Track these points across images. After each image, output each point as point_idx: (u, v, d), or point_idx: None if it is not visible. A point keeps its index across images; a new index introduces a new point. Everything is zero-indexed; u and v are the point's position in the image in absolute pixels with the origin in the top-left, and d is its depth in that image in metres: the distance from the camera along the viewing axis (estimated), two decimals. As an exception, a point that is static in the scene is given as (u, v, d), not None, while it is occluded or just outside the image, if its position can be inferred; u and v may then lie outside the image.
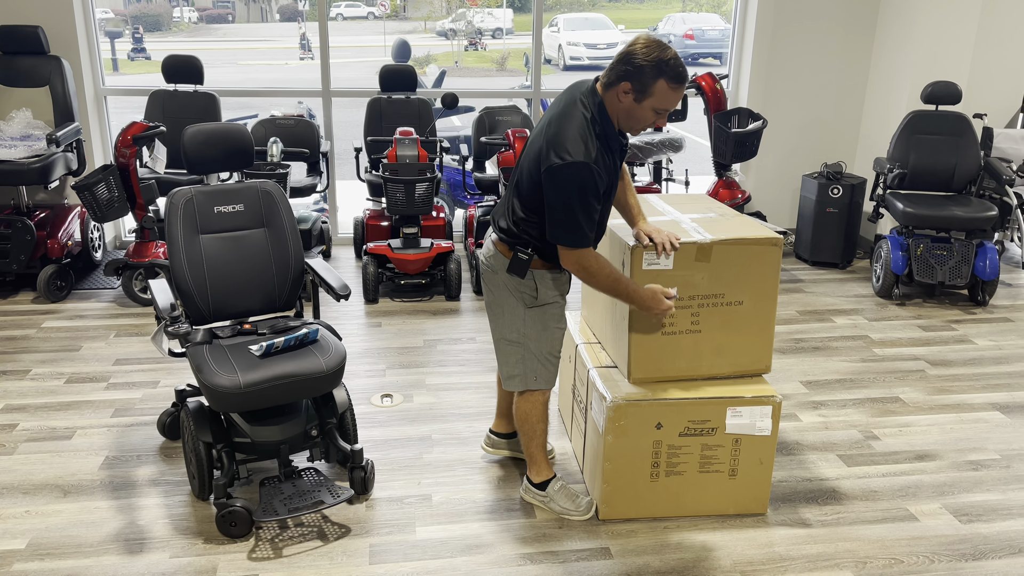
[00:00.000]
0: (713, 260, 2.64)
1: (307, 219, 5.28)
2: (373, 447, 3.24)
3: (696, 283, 2.66)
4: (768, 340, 2.76)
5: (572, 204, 2.37)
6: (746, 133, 4.98)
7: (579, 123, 2.38)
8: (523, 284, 2.63)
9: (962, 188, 5.06)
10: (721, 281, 2.67)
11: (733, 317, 2.71)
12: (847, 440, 3.34)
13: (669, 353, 2.72)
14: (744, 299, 2.70)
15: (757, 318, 2.73)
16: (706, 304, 2.68)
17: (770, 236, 2.66)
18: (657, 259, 2.61)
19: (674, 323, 2.68)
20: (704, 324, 2.70)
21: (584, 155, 2.34)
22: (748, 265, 2.67)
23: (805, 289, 5.10)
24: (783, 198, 5.94)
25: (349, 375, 3.84)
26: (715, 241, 2.64)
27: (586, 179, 2.35)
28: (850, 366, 4.03)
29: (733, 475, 2.80)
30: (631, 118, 2.42)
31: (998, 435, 3.40)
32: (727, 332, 2.72)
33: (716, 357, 2.75)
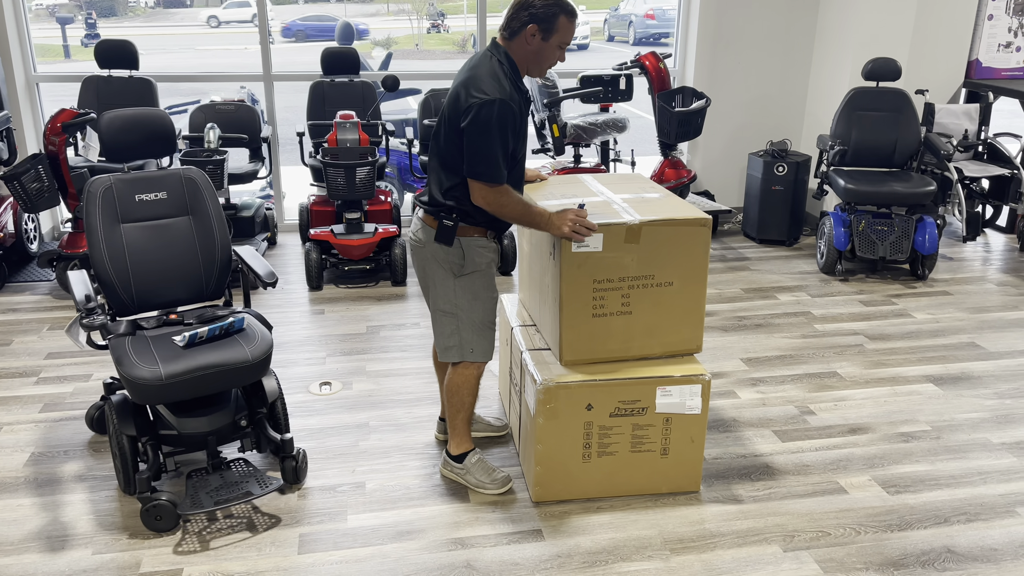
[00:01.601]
0: (642, 241, 2.63)
1: (251, 206, 5.20)
2: (309, 436, 3.20)
3: (626, 265, 2.65)
4: (698, 320, 2.77)
5: (491, 139, 2.47)
6: (690, 112, 4.98)
7: (490, 67, 2.53)
8: (451, 252, 2.66)
9: (903, 164, 5.11)
10: (651, 262, 2.66)
11: (663, 298, 2.71)
12: (783, 416, 3.37)
13: (600, 335, 2.71)
14: (674, 280, 2.70)
15: (687, 298, 2.73)
16: (636, 285, 2.68)
17: (699, 216, 2.66)
18: (586, 242, 2.60)
19: (604, 305, 2.68)
20: (635, 306, 2.70)
21: (500, 92, 2.47)
22: (677, 246, 2.67)
23: (751, 267, 5.14)
24: (730, 176, 5.96)
25: (288, 363, 3.79)
26: (644, 222, 2.63)
27: (504, 114, 2.46)
28: (791, 342, 4.06)
29: (665, 454, 2.81)
30: (540, 58, 2.57)
31: (930, 407, 3.45)
32: (658, 313, 2.72)
33: (647, 338, 2.75)
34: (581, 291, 2.65)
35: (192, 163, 4.38)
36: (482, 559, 2.53)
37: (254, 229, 5.14)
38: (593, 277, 2.64)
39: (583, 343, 2.72)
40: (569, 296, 2.64)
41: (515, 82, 2.54)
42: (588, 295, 2.65)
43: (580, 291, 2.64)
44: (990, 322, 4.30)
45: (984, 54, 5.77)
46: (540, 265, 2.85)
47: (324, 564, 2.50)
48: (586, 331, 2.70)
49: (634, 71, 5.13)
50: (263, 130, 5.17)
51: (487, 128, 2.45)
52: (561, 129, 4.82)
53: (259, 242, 5.06)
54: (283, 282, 4.82)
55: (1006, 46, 5.82)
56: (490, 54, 2.56)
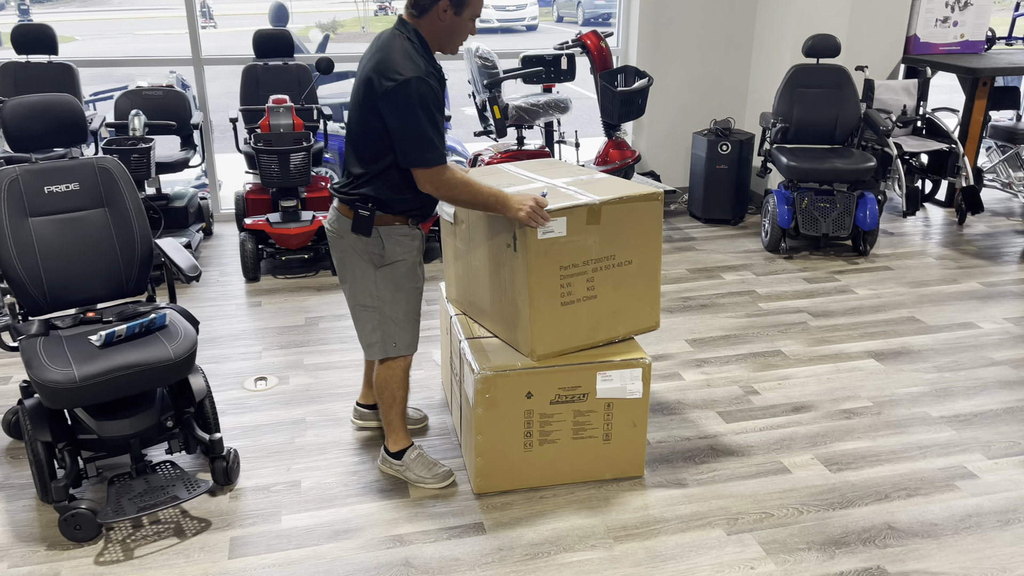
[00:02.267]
0: (603, 222, 2.56)
1: (183, 195, 5.01)
2: (243, 433, 3.09)
3: (589, 247, 2.57)
4: (655, 296, 2.73)
5: (419, 120, 2.35)
6: (632, 91, 4.92)
7: (401, 46, 2.40)
8: (370, 243, 2.56)
9: (844, 140, 5.13)
10: (611, 242, 2.60)
11: (624, 277, 2.65)
12: (727, 396, 3.35)
13: (569, 323, 2.62)
14: (633, 258, 2.64)
15: (645, 275, 2.68)
16: (599, 268, 2.61)
17: (651, 191, 2.60)
18: (550, 227, 2.50)
19: (572, 292, 2.59)
20: (599, 288, 2.63)
21: (416, 70, 2.34)
22: (635, 223, 2.61)
23: (697, 247, 5.12)
24: (676, 156, 5.93)
25: (222, 359, 3.66)
26: (604, 202, 2.55)
27: (425, 92, 2.34)
28: (735, 322, 4.05)
29: (607, 440, 2.76)
30: (454, 33, 2.46)
31: (871, 382, 3.46)
32: (620, 293, 2.67)
33: (613, 320, 2.69)
34: (549, 280, 2.55)
35: (116, 152, 4.20)
36: (421, 556, 2.45)
37: (188, 219, 4.96)
38: (559, 263, 2.54)
39: (553, 334, 2.62)
40: (538, 286, 2.53)
41: (428, 59, 2.43)
42: (555, 283, 2.56)
43: (548, 280, 2.54)
44: (929, 296, 4.34)
45: (922, 29, 5.81)
46: (491, 260, 2.71)
47: (256, 568, 2.40)
48: (555, 321, 2.60)
49: (576, 50, 5.05)
50: (194, 116, 4.98)
51: (410, 109, 2.34)
52: (503, 111, 4.73)
53: (193, 233, 4.89)
54: (219, 274, 4.66)
55: (943, 21, 5.86)
56: (397, 32, 2.44)
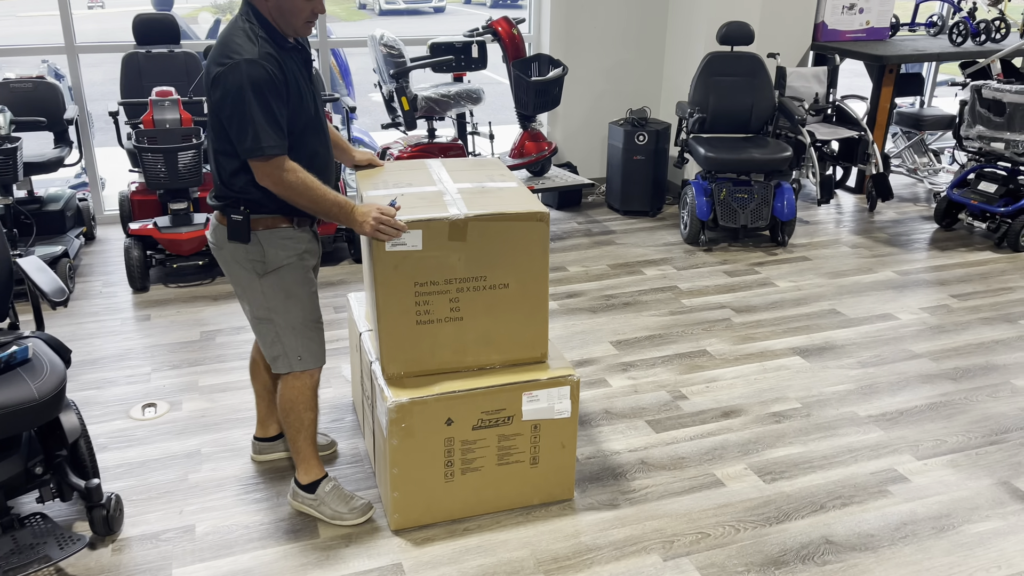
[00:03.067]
0: (470, 239, 2.33)
1: (59, 197, 4.56)
2: (128, 471, 2.76)
3: (452, 265, 2.35)
4: (542, 325, 2.51)
5: (248, 105, 2.13)
6: (547, 81, 4.72)
7: (236, 29, 2.21)
8: (250, 250, 2.33)
9: (759, 129, 5.07)
10: (481, 262, 2.37)
11: (499, 302, 2.43)
12: (656, 403, 3.21)
13: (427, 344, 2.41)
14: (510, 281, 2.42)
15: (527, 301, 2.46)
16: (465, 288, 2.38)
17: (535, 210, 2.39)
18: (402, 240, 2.27)
19: (429, 311, 2.37)
20: (466, 310, 2.40)
21: (248, 52, 2.14)
22: (511, 243, 2.39)
23: (616, 240, 4.98)
24: (593, 147, 5.78)
25: (104, 383, 3.30)
26: (471, 217, 2.33)
27: (257, 75, 2.13)
28: (659, 320, 3.92)
29: (535, 463, 2.57)
30: (284, 12, 2.22)
31: (799, 382, 3.39)
32: (493, 318, 2.44)
33: (484, 347, 2.47)
34: (400, 295, 2.33)
35: (-25, 153, 3.74)
36: (334, 607, 2.21)
37: (65, 224, 4.51)
38: (414, 280, 2.32)
39: (407, 353, 2.40)
40: (386, 301, 2.32)
41: (273, 39, 2.20)
42: (409, 300, 2.34)
43: (399, 295, 2.33)
44: (848, 287, 4.32)
45: (830, 16, 5.81)
46: (368, 270, 2.50)
47: (143, 635, 2.11)
48: (409, 340, 2.38)
49: (487, 37, 4.82)
50: (68, 111, 4.52)
51: (238, 94, 2.11)
52: (411, 102, 4.45)
53: (72, 239, 4.45)
54: (102, 284, 4.25)
55: (849, 8, 5.88)
56: (238, 15, 2.25)
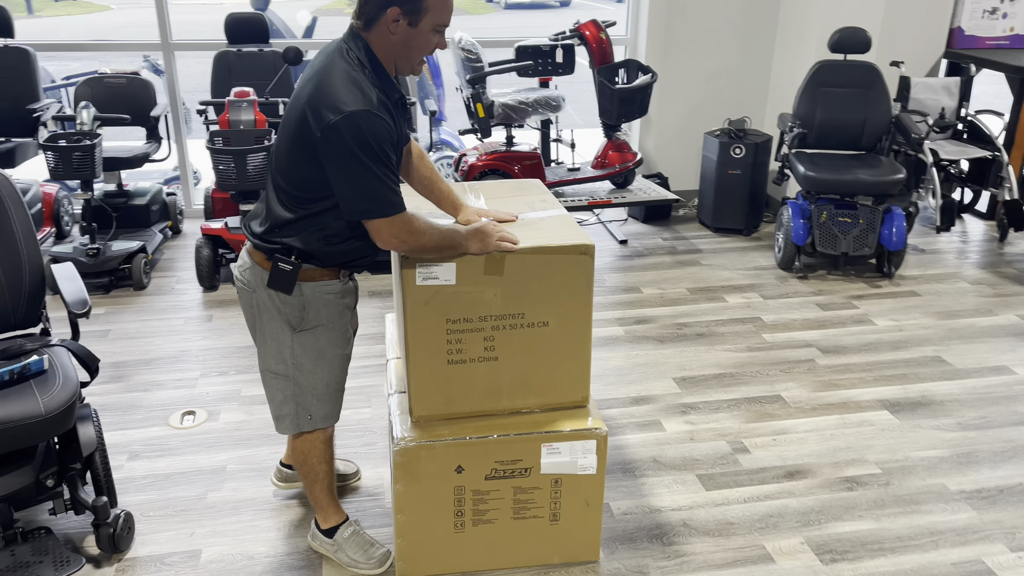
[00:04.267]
0: (507, 273, 2.13)
1: (144, 192, 4.66)
2: (152, 483, 2.72)
3: (487, 301, 2.15)
4: (584, 367, 2.28)
5: (366, 163, 1.89)
6: (632, 89, 4.44)
7: (344, 71, 1.93)
8: (289, 302, 2.11)
9: (872, 146, 4.61)
10: (519, 298, 2.16)
11: (537, 341, 2.22)
12: (712, 454, 2.91)
13: (459, 385, 2.22)
14: (550, 319, 2.20)
15: (568, 341, 2.24)
16: (502, 326, 2.18)
17: (579, 243, 2.15)
18: (434, 273, 2.10)
19: (462, 350, 2.18)
20: (501, 350, 2.20)
21: (363, 102, 1.88)
22: (552, 279, 2.17)
23: (702, 261, 4.65)
24: (687, 158, 5.44)
25: (153, 386, 3.30)
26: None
27: (375, 128, 1.88)
28: (733, 356, 3.59)
29: (555, 520, 2.34)
30: (411, 48, 1.98)
31: (883, 441, 3.00)
32: (531, 359, 2.23)
33: (520, 389, 2.26)
34: (431, 332, 2.15)
35: (54, 148, 3.84)
36: (319, 661, 2.07)
37: (149, 218, 4.61)
38: (446, 316, 2.14)
39: (437, 395, 2.22)
40: (416, 338, 2.15)
41: (381, 86, 1.96)
42: (440, 337, 2.15)
43: (429, 332, 2.15)
44: (959, 330, 3.84)
45: (967, 21, 5.23)
46: (396, 295, 2.35)
47: (123, 670, 2.04)
48: (440, 380, 2.20)
49: (574, 41, 4.58)
50: (157, 107, 4.60)
51: (355, 150, 1.87)
52: (487, 108, 4.28)
53: (155, 233, 4.54)
54: (176, 280, 4.31)
55: (991, 12, 5.27)
56: (343, 49, 1.97)
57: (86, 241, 4.14)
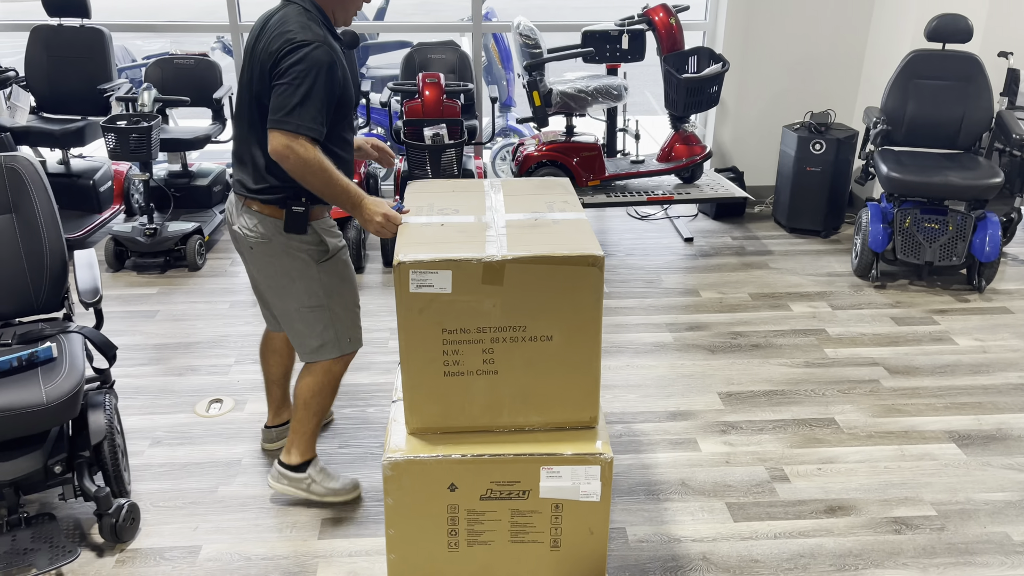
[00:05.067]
0: (507, 283, 1.98)
1: (207, 173, 4.72)
2: (168, 472, 2.72)
3: (486, 312, 2.01)
4: (591, 385, 2.11)
5: (316, 84, 2.12)
6: (701, 79, 4.17)
7: (296, 14, 2.20)
8: (306, 240, 2.34)
9: (970, 145, 4.20)
10: (521, 310, 2.01)
11: (540, 356, 2.06)
12: (747, 481, 2.69)
13: (456, 398, 2.10)
14: (554, 333, 2.04)
15: (573, 357, 2.07)
16: (501, 339, 2.04)
17: (588, 254, 1.98)
18: (429, 281, 1.97)
19: (459, 362, 2.05)
20: (501, 363, 2.06)
21: (315, 36, 2.15)
22: (557, 290, 2.01)
23: (771, 264, 4.36)
24: (765, 152, 5.11)
25: (188, 371, 3.32)
26: (509, 258, 1.97)
27: (324, 60, 2.13)
28: (788, 372, 3.33)
29: (556, 547, 2.19)
30: (347, 3, 2.29)
31: (944, 479, 2.70)
32: (534, 375, 2.08)
33: (521, 405, 2.12)
34: (426, 342, 2.03)
35: (113, 130, 3.90)
36: (295, 677, 2.00)
37: (211, 199, 4.66)
38: (442, 325, 2.01)
39: (433, 407, 2.10)
40: (410, 347, 2.03)
41: (329, 29, 2.25)
42: (436, 348, 2.03)
43: (424, 342, 2.03)
44: (1053, 356, 3.45)
45: (1092, 8, 4.69)
46: None
47: (103, 667, 2.02)
48: (437, 393, 2.09)
49: (642, 26, 4.34)
50: (220, 89, 4.64)
51: (312, 72, 2.11)
52: (544, 96, 4.11)
53: (214, 215, 4.59)
54: (230, 263, 4.34)
55: (1123, -3, 4.71)
56: (295, 3, 2.23)
57: (145, 221, 4.21)
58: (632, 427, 2.97)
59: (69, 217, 4.51)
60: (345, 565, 2.34)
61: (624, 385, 3.23)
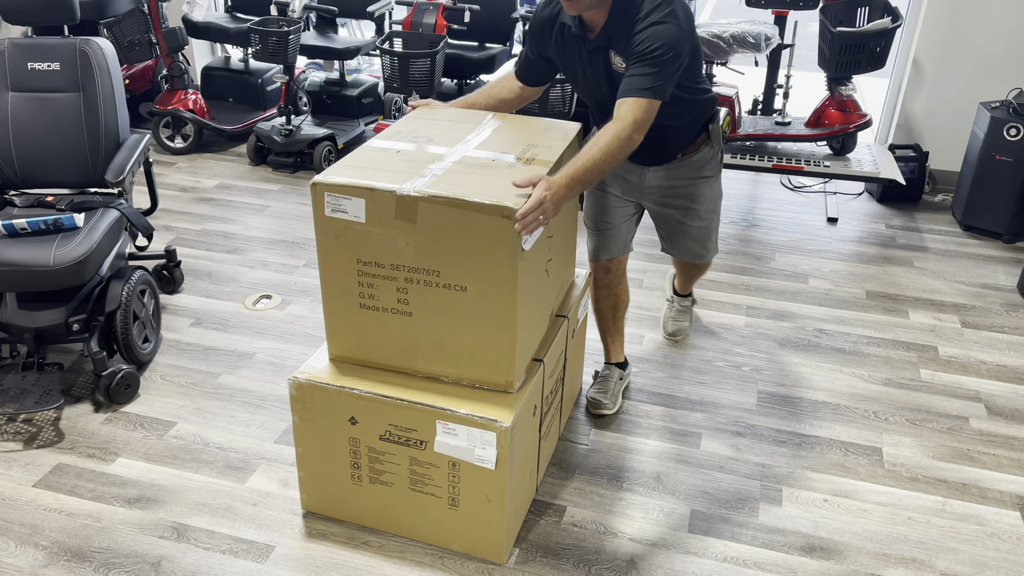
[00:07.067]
0: (420, 222, 1.87)
1: (359, 84, 4.89)
2: (187, 351, 2.94)
3: (399, 249, 1.92)
4: (507, 347, 1.95)
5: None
6: (857, 34, 3.57)
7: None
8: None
9: None
10: (433, 254, 1.90)
11: (454, 306, 1.94)
12: (730, 493, 2.37)
13: (371, 332, 2.04)
14: (468, 285, 1.90)
15: (488, 313, 1.92)
16: (415, 280, 1.94)
17: (500, 204, 1.80)
18: (343, 205, 1.91)
19: (374, 296, 1.98)
20: (415, 306, 1.97)
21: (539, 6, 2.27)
22: (470, 239, 1.86)
23: (917, 262, 3.72)
24: (960, 132, 4.32)
25: (259, 264, 3.53)
26: (422, 196, 1.85)
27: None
28: (859, 386, 2.85)
29: (454, 505, 2.09)
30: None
31: (977, 550, 2.20)
32: (447, 324, 1.97)
33: (436, 354, 2.01)
34: (341, 270, 2.00)
35: (257, 32, 4.14)
36: (176, 559, 2.11)
37: (357, 110, 4.84)
38: (357, 256, 1.96)
39: (350, 337, 2.08)
40: (326, 272, 2.02)
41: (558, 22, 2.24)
42: (352, 277, 1.99)
43: (340, 269, 2.01)
44: None
45: None
46: None
47: (45, 505, 2.26)
48: (353, 323, 2.05)
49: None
50: (377, 3, 4.74)
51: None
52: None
53: (356, 125, 4.77)
54: (352, 172, 4.50)
55: None
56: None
57: (284, 121, 4.47)
58: (640, 406, 2.72)
59: (236, 110, 4.90)
60: (281, 472, 2.40)
61: (660, 362, 2.96)
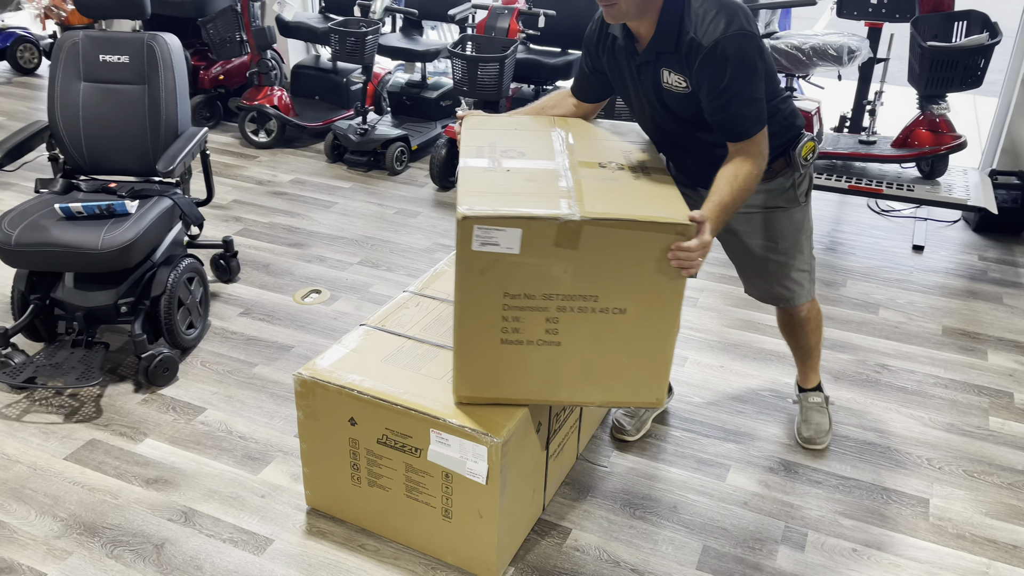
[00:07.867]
0: (583, 247, 1.78)
1: (438, 87, 4.93)
2: (230, 340, 3.01)
3: (555, 278, 1.81)
4: (663, 365, 1.90)
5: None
6: (949, 50, 3.30)
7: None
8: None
9: None
10: (594, 278, 1.81)
11: (609, 330, 1.86)
12: (749, 532, 2.22)
13: (512, 369, 1.92)
14: (628, 306, 1.83)
15: (647, 334, 1.86)
16: (568, 308, 1.85)
17: (675, 221, 1.73)
18: (494, 238, 1.78)
19: (519, 329, 1.87)
20: (565, 335, 1.87)
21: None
22: (635, 259, 1.78)
23: (1008, 299, 3.42)
24: (1076, 158, 3.95)
25: (319, 260, 3.59)
26: (587, 219, 1.76)
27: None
28: (917, 430, 2.63)
29: (447, 517, 2.04)
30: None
31: (1022, 626, 1.98)
32: (600, 349, 1.89)
33: (583, 382, 1.93)
34: (484, 306, 1.85)
35: (335, 32, 4.23)
36: (179, 544, 2.15)
37: (435, 112, 4.88)
38: (504, 289, 1.83)
39: (485, 376, 1.93)
40: (465, 310, 1.86)
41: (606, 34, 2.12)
42: (495, 313, 1.86)
43: (482, 305, 1.85)
44: None
45: None
46: None
47: (71, 478, 2.36)
48: (490, 361, 1.92)
49: (908, -21, 3.54)
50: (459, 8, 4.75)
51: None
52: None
53: (431, 127, 4.80)
54: (422, 174, 4.54)
55: None
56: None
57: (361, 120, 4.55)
58: (670, 431, 2.60)
59: (321, 108, 5.03)
60: (294, 466, 2.42)
61: (698, 385, 2.83)
